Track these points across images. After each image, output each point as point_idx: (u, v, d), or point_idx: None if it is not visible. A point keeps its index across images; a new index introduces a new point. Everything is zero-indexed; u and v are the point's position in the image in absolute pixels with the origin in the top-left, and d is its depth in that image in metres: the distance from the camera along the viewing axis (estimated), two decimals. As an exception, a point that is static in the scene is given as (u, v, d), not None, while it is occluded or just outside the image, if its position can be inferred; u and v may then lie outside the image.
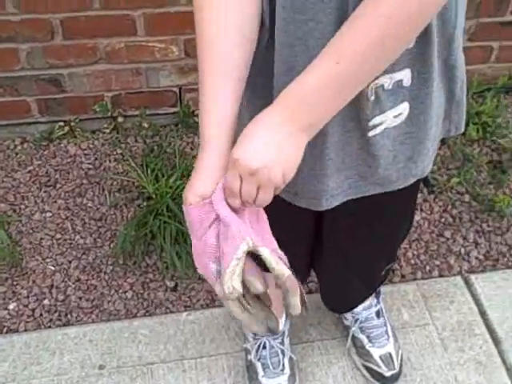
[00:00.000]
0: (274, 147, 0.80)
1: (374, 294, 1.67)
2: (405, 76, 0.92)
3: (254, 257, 0.84)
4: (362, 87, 0.83)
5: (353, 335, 1.67)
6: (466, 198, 2.10)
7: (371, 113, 0.94)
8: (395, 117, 0.97)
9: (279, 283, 0.84)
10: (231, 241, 0.82)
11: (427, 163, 1.10)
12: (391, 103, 0.94)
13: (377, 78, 0.88)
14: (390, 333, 1.67)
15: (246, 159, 0.81)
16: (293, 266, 0.86)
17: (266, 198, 0.84)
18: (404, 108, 0.96)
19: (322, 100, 0.80)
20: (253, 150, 0.81)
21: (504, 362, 1.70)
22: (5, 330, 1.76)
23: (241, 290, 0.82)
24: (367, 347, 1.63)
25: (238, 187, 0.83)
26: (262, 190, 0.83)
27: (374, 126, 0.97)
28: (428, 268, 1.93)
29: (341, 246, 1.32)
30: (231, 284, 0.81)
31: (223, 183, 0.85)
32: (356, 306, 1.62)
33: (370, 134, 0.98)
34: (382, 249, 1.36)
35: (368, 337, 1.64)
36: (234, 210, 0.85)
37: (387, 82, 0.91)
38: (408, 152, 1.04)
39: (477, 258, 1.95)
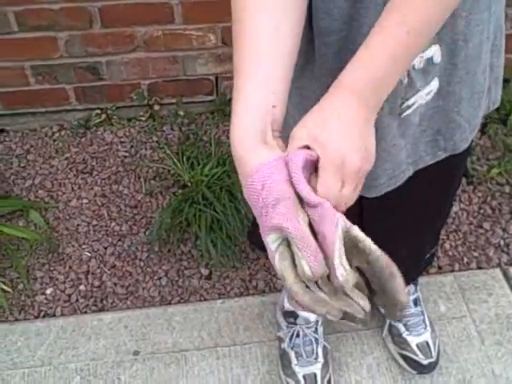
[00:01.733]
0: (359, 137, 0.72)
1: (412, 282, 1.65)
2: (435, 53, 0.90)
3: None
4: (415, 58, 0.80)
5: (390, 323, 1.65)
6: (507, 189, 2.05)
7: (406, 95, 0.93)
8: (427, 94, 0.96)
9: (376, 268, 0.70)
10: (326, 222, 0.69)
11: (459, 138, 1.07)
12: (423, 82, 0.93)
13: None
14: (428, 322, 1.64)
15: (347, 157, 0.70)
16: None
17: (353, 196, 0.73)
18: (435, 85, 0.95)
19: (390, 76, 0.74)
20: (350, 147, 0.70)
21: (543, 356, 1.66)
22: (42, 314, 1.79)
23: (353, 271, 0.69)
24: (404, 335, 1.61)
25: (338, 190, 0.71)
26: (347, 185, 0.72)
27: (408, 107, 0.95)
28: (466, 260, 1.89)
29: (383, 231, 1.30)
30: (344, 268, 0.68)
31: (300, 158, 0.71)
32: None
33: (404, 114, 0.96)
34: (425, 230, 1.34)
35: (405, 325, 1.62)
36: None
37: (418, 60, 0.89)
38: (436, 125, 1.02)
39: (516, 250, 1.91)
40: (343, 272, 0.68)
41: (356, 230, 0.70)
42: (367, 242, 0.69)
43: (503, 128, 2.20)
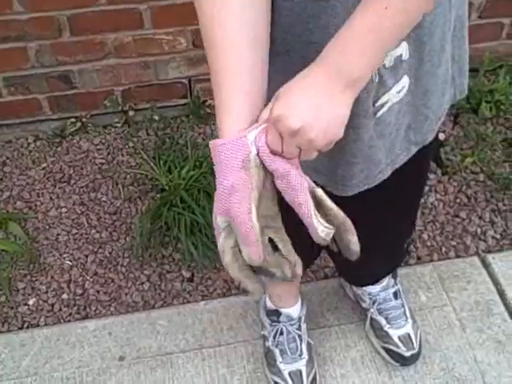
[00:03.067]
0: (318, 108, 0.77)
1: (391, 275, 1.67)
2: (403, 50, 0.92)
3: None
4: (397, 43, 0.82)
5: (371, 317, 1.67)
6: (481, 177, 2.08)
7: (377, 93, 0.95)
8: (398, 92, 0.97)
9: (336, 223, 0.82)
10: (296, 188, 0.80)
11: (427, 130, 1.10)
12: (393, 80, 0.95)
13: None
14: (408, 314, 1.66)
15: (289, 116, 0.76)
16: (305, 245, 0.86)
17: (309, 158, 0.81)
18: (405, 81, 0.97)
19: (366, 48, 0.76)
20: (295, 108, 0.77)
21: (524, 340, 1.69)
22: (25, 325, 1.79)
23: (330, 227, 0.80)
24: (385, 328, 1.63)
25: (280, 148, 0.79)
26: (303, 152, 0.80)
27: (382, 106, 0.97)
28: (444, 249, 1.91)
29: (359, 220, 1.31)
30: (322, 225, 0.79)
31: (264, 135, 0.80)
32: (378, 280, 1.61)
33: (379, 114, 0.98)
34: (401, 221, 1.35)
35: (386, 318, 1.64)
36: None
37: (388, 59, 0.91)
38: (407, 120, 1.04)
39: (493, 237, 1.94)
40: (324, 228, 0.80)
41: (319, 191, 0.82)
42: (328, 201, 0.82)
43: (475, 117, 2.23)
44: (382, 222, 1.30)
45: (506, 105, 2.24)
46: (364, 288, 1.68)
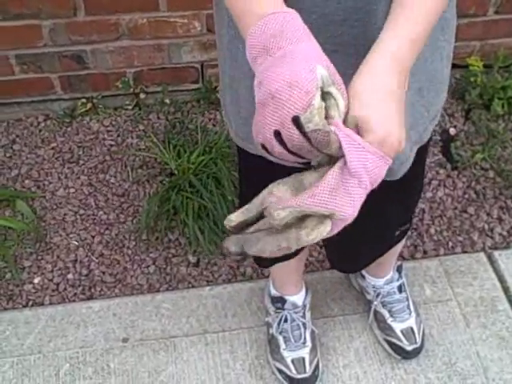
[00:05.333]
0: (400, 114, 0.74)
1: (395, 269, 1.66)
2: None
3: None
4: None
5: (375, 309, 1.67)
6: (491, 173, 2.08)
7: None
8: None
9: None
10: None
11: (422, 129, 1.09)
12: None
13: None
14: (412, 308, 1.66)
15: (380, 125, 0.72)
16: None
17: None
18: None
19: (422, 38, 0.78)
20: (385, 116, 0.73)
21: (527, 337, 1.69)
22: (30, 303, 1.79)
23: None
24: (389, 322, 1.63)
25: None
26: None
27: None
28: (451, 244, 1.91)
29: None
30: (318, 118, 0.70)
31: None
32: (366, 265, 1.57)
33: None
34: (390, 209, 1.32)
35: (389, 311, 1.64)
36: None
37: None
38: (409, 119, 1.03)
39: (500, 234, 1.94)
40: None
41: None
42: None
43: (487, 113, 2.22)
44: (369, 208, 1.28)
45: (518, 102, 2.24)
46: (368, 280, 1.68)
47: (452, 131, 2.16)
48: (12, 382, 1.62)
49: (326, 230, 0.73)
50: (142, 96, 2.26)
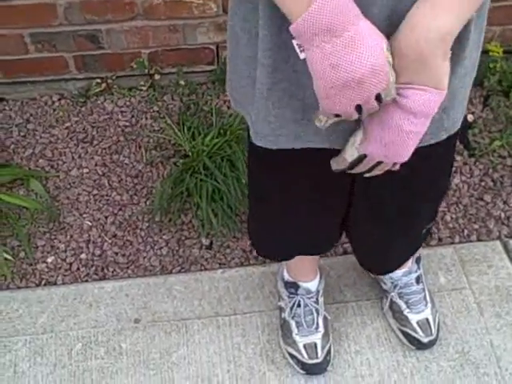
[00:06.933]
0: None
1: (414, 260, 1.65)
2: None
3: None
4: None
5: (391, 300, 1.64)
6: (508, 161, 2.05)
7: None
8: None
9: None
10: None
11: (457, 117, 1.07)
12: None
13: None
14: (428, 298, 1.65)
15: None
16: (324, 231, 0.84)
17: None
18: None
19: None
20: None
21: (542, 327, 1.68)
22: (43, 282, 1.80)
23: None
24: (405, 313, 1.61)
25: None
26: None
27: None
28: (466, 232, 1.89)
29: (377, 207, 1.29)
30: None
31: None
32: (396, 267, 1.59)
33: None
34: (421, 207, 1.33)
35: (406, 302, 1.62)
36: None
37: None
38: (443, 103, 1.01)
39: (517, 222, 1.92)
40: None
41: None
42: None
43: (505, 100, 2.19)
44: (400, 208, 1.28)
45: (537, 89, 2.20)
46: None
47: (470, 118, 2.13)
48: (25, 359, 1.63)
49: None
50: (157, 77, 2.24)
